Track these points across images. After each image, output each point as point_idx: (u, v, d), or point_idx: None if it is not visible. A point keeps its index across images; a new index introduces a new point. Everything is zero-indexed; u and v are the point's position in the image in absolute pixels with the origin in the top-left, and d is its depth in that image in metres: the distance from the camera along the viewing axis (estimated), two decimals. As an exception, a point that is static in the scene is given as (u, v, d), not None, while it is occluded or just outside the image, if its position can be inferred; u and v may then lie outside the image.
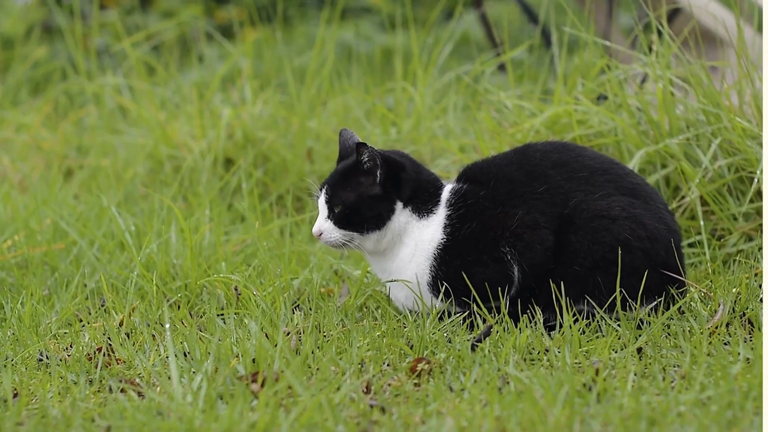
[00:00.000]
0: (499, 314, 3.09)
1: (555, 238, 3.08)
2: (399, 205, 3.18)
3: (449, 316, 3.14)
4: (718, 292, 3.22)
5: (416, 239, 3.17)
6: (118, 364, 2.96)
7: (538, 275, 3.09)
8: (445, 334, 3.04)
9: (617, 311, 3.05)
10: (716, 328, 3.02)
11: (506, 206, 3.10)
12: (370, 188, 3.17)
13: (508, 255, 3.09)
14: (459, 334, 3.03)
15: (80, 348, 3.08)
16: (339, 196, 3.17)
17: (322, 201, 3.19)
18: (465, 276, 3.10)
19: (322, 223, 3.19)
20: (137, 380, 2.82)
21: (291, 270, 3.57)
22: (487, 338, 2.95)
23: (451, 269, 3.12)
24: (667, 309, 3.10)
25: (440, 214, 3.16)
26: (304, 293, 3.49)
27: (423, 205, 3.17)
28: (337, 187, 3.17)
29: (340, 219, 3.17)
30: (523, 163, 3.14)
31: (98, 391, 2.79)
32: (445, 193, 3.18)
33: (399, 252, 3.19)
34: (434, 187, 3.19)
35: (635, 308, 3.07)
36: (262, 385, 2.65)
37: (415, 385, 2.75)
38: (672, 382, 2.68)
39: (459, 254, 3.12)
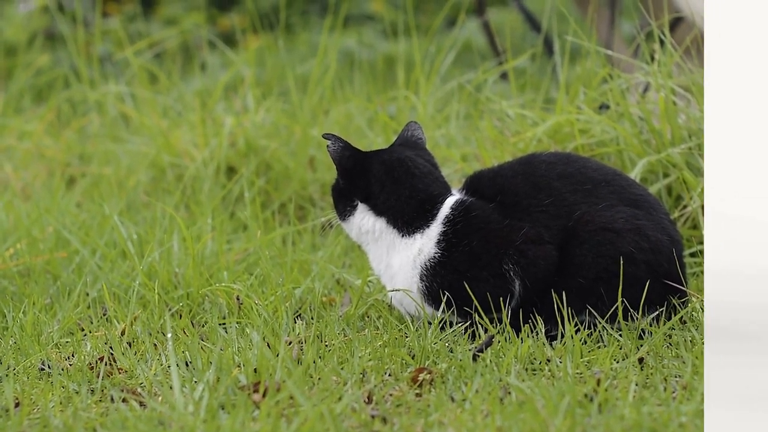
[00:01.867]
0: (500, 324, 3.08)
1: (558, 252, 3.07)
2: (361, 206, 3.18)
3: (451, 326, 3.14)
4: (720, 301, 3.22)
5: (401, 256, 3.15)
6: (119, 373, 2.96)
7: (540, 289, 3.07)
8: (446, 344, 3.03)
9: (619, 321, 3.05)
10: (718, 338, 3.02)
11: (512, 219, 3.09)
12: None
13: (511, 272, 3.07)
14: (460, 344, 3.03)
15: (82, 357, 3.08)
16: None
17: None
18: (463, 289, 3.09)
19: None
20: (139, 390, 2.82)
21: (293, 279, 3.57)
22: (488, 348, 2.95)
23: (446, 282, 3.10)
24: (669, 319, 3.10)
25: (433, 231, 3.12)
26: (305, 302, 3.49)
27: (406, 225, 3.15)
28: None
29: None
30: (528, 174, 3.11)
31: (100, 400, 2.78)
32: (445, 208, 3.13)
33: (386, 258, 3.18)
34: (427, 203, 3.14)
35: (637, 318, 3.06)
36: (264, 395, 2.65)
37: (417, 395, 2.74)
38: (673, 392, 2.68)
39: (456, 270, 3.10)
